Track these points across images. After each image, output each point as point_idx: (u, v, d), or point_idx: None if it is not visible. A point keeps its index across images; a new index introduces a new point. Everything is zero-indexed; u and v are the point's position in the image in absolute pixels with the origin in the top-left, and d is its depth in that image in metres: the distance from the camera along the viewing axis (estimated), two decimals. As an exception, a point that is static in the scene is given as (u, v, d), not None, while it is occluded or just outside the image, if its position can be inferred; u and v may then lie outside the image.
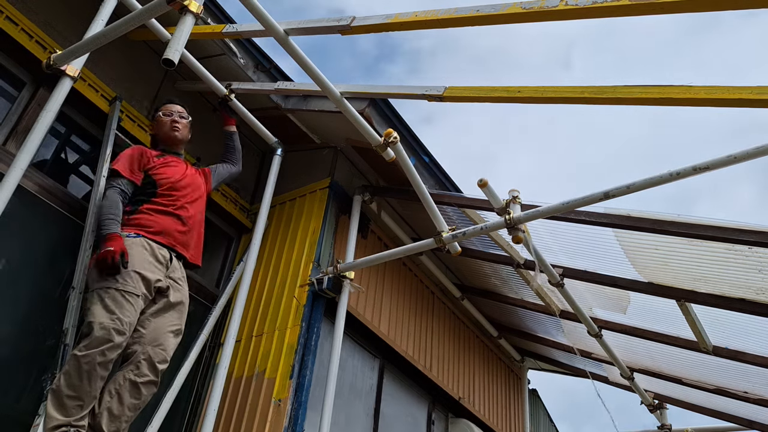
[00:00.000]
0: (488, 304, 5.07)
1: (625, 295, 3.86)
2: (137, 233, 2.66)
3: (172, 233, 2.77)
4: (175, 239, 2.78)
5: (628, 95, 2.16)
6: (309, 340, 3.30)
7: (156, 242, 2.69)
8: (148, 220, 2.73)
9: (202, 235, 2.99)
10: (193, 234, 2.90)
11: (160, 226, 2.74)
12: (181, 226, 2.82)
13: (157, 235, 2.71)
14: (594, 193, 2.59)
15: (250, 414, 3.11)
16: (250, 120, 3.58)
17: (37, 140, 2.42)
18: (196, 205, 2.96)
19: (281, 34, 2.56)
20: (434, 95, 2.67)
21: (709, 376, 4.37)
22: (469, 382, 4.93)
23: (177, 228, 2.80)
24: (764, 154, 2.14)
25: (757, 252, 2.83)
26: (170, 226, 2.77)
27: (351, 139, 3.84)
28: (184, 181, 2.94)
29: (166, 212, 2.79)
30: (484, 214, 3.67)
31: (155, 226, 2.73)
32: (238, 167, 3.42)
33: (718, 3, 1.84)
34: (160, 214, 2.77)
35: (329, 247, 3.72)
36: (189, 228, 2.86)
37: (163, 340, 2.60)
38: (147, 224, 2.71)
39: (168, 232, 2.75)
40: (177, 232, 2.79)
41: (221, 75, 3.47)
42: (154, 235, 2.70)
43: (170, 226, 2.77)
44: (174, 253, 2.78)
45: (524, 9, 2.15)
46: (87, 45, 2.49)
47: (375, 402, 3.97)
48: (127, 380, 2.46)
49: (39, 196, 2.84)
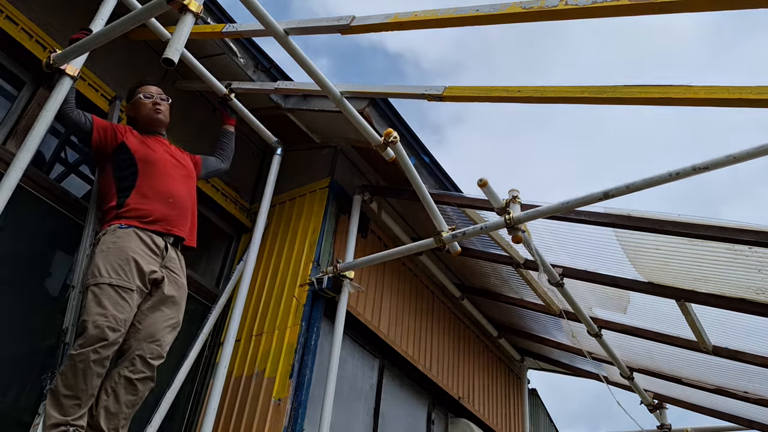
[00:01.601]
0: (488, 303, 5.07)
1: (625, 294, 3.86)
2: (128, 224, 2.58)
3: (165, 216, 2.68)
4: (169, 222, 2.69)
5: (628, 95, 2.16)
6: (309, 340, 3.30)
7: (149, 231, 2.61)
8: (138, 209, 2.64)
9: (195, 217, 2.89)
10: (187, 214, 2.80)
11: (150, 212, 2.64)
12: (170, 207, 2.72)
13: (150, 223, 2.63)
14: (594, 192, 2.59)
15: (249, 413, 3.11)
16: (250, 119, 3.58)
17: (37, 139, 2.41)
18: (184, 184, 2.85)
19: (281, 33, 2.55)
20: (434, 95, 2.67)
21: (709, 376, 4.37)
22: (469, 382, 4.93)
23: (167, 210, 2.70)
24: (764, 154, 2.14)
25: (757, 252, 2.83)
26: (160, 209, 2.68)
27: (351, 138, 3.84)
28: (167, 158, 2.84)
29: (152, 195, 2.69)
30: (484, 214, 3.67)
31: (146, 213, 2.64)
32: (226, 165, 3.34)
33: (719, 3, 1.84)
34: (147, 199, 2.67)
35: (329, 247, 3.72)
36: (180, 207, 2.76)
37: (159, 336, 2.57)
38: (138, 214, 2.63)
39: (160, 217, 2.66)
40: (169, 213, 2.70)
41: (221, 74, 3.46)
42: (146, 224, 2.62)
43: (160, 209, 2.68)
44: (170, 240, 2.69)
45: (524, 9, 2.15)
46: (87, 44, 2.49)
47: (375, 402, 3.97)
48: (122, 377, 2.45)
49: (39, 195, 2.84)
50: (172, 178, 2.79)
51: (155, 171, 2.75)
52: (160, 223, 2.67)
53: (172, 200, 2.75)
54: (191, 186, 2.92)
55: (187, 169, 2.94)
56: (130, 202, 2.65)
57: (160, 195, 2.72)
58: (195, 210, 2.90)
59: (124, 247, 2.52)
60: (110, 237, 2.56)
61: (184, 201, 2.81)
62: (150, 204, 2.68)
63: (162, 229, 2.67)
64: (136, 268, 2.51)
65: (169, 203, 2.73)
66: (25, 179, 2.67)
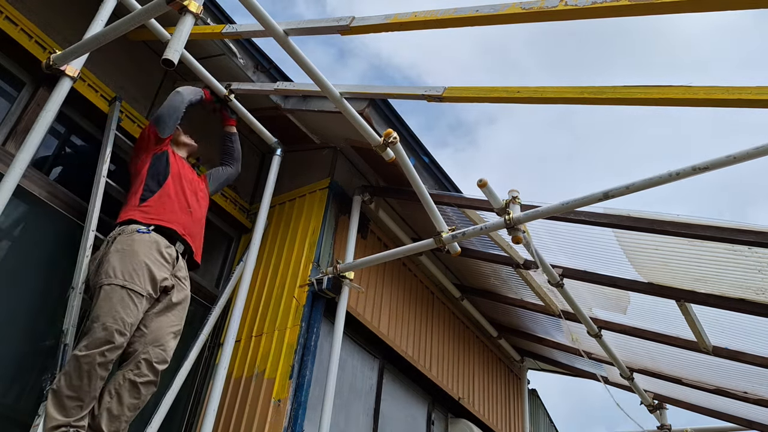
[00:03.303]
0: (488, 304, 5.07)
1: (625, 295, 3.86)
2: (148, 223, 2.70)
3: (183, 222, 2.84)
4: (185, 228, 2.84)
5: (628, 95, 2.16)
6: (309, 341, 3.30)
7: (164, 236, 2.72)
8: (158, 209, 2.77)
9: (202, 237, 3.04)
10: (200, 230, 2.99)
11: (170, 213, 2.80)
12: (188, 216, 2.89)
13: (167, 222, 2.76)
14: (593, 193, 2.59)
15: (249, 414, 3.11)
16: (250, 120, 3.58)
17: (37, 140, 2.42)
18: (201, 204, 3.05)
19: (281, 34, 2.56)
20: (434, 95, 2.67)
21: (709, 376, 4.37)
22: (469, 382, 4.93)
23: (186, 218, 2.87)
24: (764, 155, 2.14)
25: (756, 252, 2.83)
26: (179, 214, 2.84)
27: (351, 139, 3.83)
28: (193, 179, 3.06)
29: (175, 200, 2.85)
30: (484, 215, 3.67)
31: (165, 213, 2.78)
32: (235, 168, 3.43)
33: (719, 3, 1.84)
34: (169, 200, 2.83)
35: (329, 248, 3.72)
36: (196, 221, 2.95)
37: (164, 341, 2.61)
38: (157, 212, 2.76)
39: (178, 220, 2.81)
40: (186, 220, 2.86)
41: (221, 75, 3.46)
42: (164, 221, 2.75)
43: (179, 214, 2.84)
44: (181, 248, 2.81)
45: (524, 9, 2.15)
46: (86, 45, 2.49)
47: (375, 402, 3.97)
48: (126, 380, 2.46)
49: (39, 196, 2.84)
50: (194, 196, 2.99)
51: (181, 185, 2.94)
52: (177, 225, 2.80)
53: (191, 210, 2.93)
54: (205, 206, 3.13)
55: (203, 191, 3.14)
56: (152, 201, 2.79)
57: (181, 203, 2.88)
58: (203, 231, 3.07)
59: (138, 251, 2.57)
60: (127, 238, 2.61)
61: (199, 216, 3.00)
62: (170, 206, 2.82)
63: (179, 231, 2.79)
64: (148, 274, 2.55)
65: (188, 213, 2.90)
66: (24, 180, 2.67)
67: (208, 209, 3.19)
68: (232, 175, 3.42)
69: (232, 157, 3.42)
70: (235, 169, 3.43)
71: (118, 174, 3.20)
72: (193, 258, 2.91)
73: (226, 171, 3.38)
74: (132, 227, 2.65)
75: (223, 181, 3.37)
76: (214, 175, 3.32)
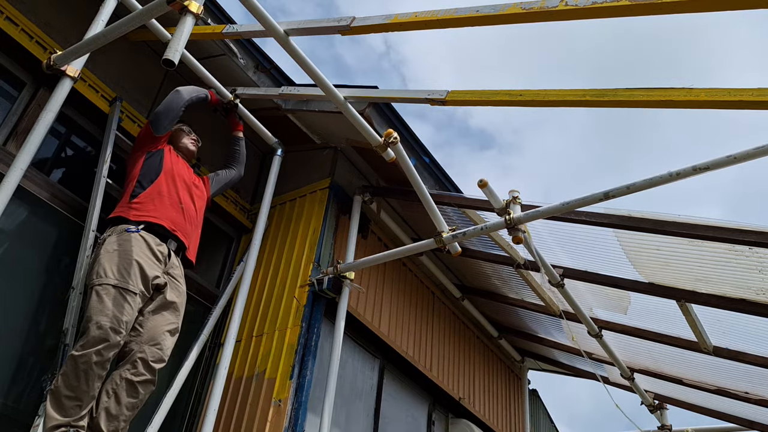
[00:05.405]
0: (488, 304, 5.06)
1: (626, 295, 3.86)
2: (137, 220, 2.69)
3: (173, 219, 2.82)
4: (176, 224, 2.83)
5: (629, 98, 2.16)
6: (309, 341, 3.30)
7: (155, 234, 2.71)
8: (148, 206, 2.76)
9: (199, 236, 3.03)
10: (193, 227, 2.96)
11: (160, 210, 2.78)
12: (179, 213, 2.87)
13: (155, 218, 2.74)
14: (594, 193, 2.59)
15: (250, 414, 3.11)
16: (251, 120, 3.58)
17: (37, 141, 2.42)
18: (197, 203, 3.03)
19: (281, 34, 2.55)
20: (437, 99, 2.67)
21: (710, 376, 4.36)
22: (470, 383, 4.93)
23: (177, 214, 2.85)
24: (764, 155, 2.14)
25: (757, 252, 2.83)
26: (170, 211, 2.83)
27: (351, 139, 3.83)
28: (188, 177, 3.04)
29: (166, 196, 2.84)
30: (484, 215, 3.67)
31: (155, 209, 2.77)
32: (238, 171, 3.44)
33: (719, 3, 1.84)
34: (160, 196, 2.82)
35: (329, 248, 3.72)
36: (189, 218, 2.92)
37: (160, 339, 2.61)
38: (147, 209, 2.74)
39: (168, 217, 2.80)
40: (177, 217, 2.85)
41: (221, 75, 3.47)
42: (152, 217, 2.73)
43: (170, 211, 2.83)
44: (173, 245, 2.80)
45: (524, 9, 2.15)
46: (87, 45, 2.49)
47: (375, 402, 3.97)
48: (123, 379, 2.46)
49: (39, 196, 2.84)
50: (187, 194, 2.97)
51: (174, 182, 2.92)
52: (166, 221, 2.78)
53: (183, 207, 2.90)
54: (201, 206, 3.09)
55: (200, 190, 3.11)
56: (142, 197, 2.78)
57: (173, 200, 2.86)
58: (200, 230, 3.06)
59: (129, 250, 2.56)
60: (116, 238, 2.61)
61: (192, 214, 2.97)
62: (161, 203, 2.80)
63: (168, 227, 2.78)
64: (140, 272, 2.55)
65: (179, 209, 2.87)
66: (25, 180, 2.67)
67: (207, 209, 3.19)
68: (236, 178, 3.43)
69: (237, 161, 3.44)
70: (238, 172, 3.44)
71: (118, 174, 3.20)
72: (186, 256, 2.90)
73: (230, 173, 3.40)
74: (121, 227, 2.66)
75: (227, 183, 3.37)
76: (217, 177, 3.32)
